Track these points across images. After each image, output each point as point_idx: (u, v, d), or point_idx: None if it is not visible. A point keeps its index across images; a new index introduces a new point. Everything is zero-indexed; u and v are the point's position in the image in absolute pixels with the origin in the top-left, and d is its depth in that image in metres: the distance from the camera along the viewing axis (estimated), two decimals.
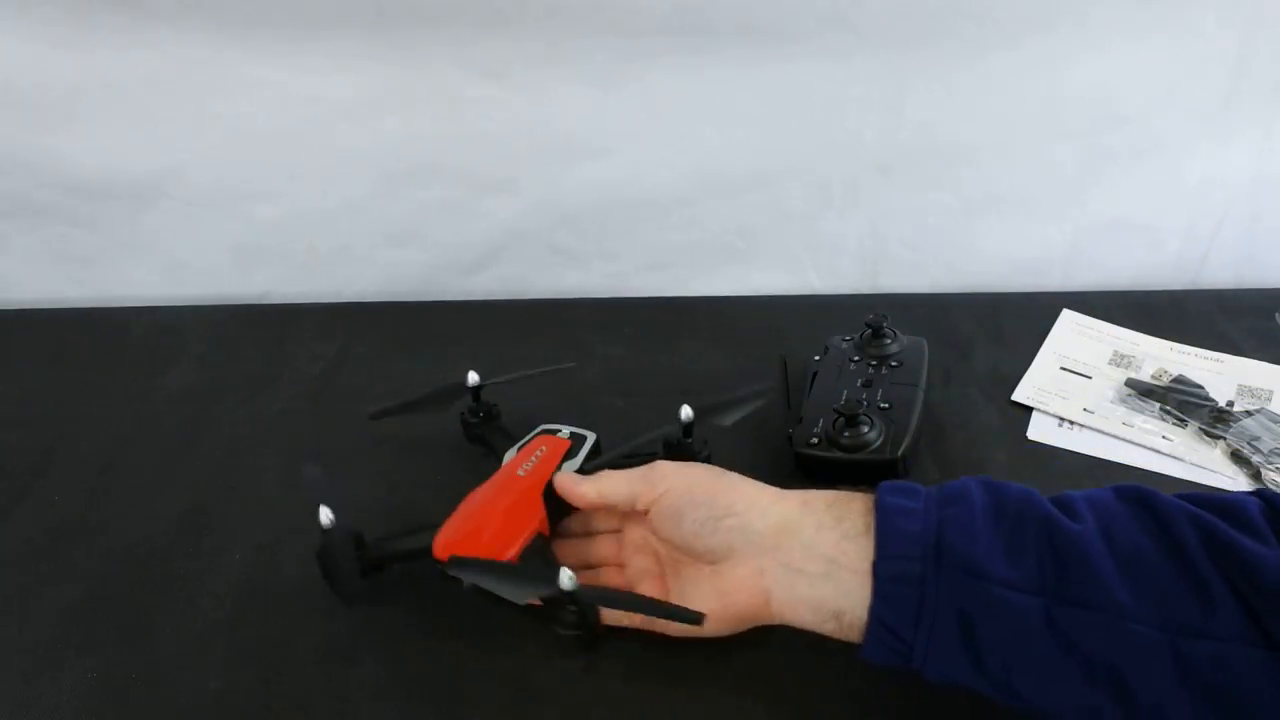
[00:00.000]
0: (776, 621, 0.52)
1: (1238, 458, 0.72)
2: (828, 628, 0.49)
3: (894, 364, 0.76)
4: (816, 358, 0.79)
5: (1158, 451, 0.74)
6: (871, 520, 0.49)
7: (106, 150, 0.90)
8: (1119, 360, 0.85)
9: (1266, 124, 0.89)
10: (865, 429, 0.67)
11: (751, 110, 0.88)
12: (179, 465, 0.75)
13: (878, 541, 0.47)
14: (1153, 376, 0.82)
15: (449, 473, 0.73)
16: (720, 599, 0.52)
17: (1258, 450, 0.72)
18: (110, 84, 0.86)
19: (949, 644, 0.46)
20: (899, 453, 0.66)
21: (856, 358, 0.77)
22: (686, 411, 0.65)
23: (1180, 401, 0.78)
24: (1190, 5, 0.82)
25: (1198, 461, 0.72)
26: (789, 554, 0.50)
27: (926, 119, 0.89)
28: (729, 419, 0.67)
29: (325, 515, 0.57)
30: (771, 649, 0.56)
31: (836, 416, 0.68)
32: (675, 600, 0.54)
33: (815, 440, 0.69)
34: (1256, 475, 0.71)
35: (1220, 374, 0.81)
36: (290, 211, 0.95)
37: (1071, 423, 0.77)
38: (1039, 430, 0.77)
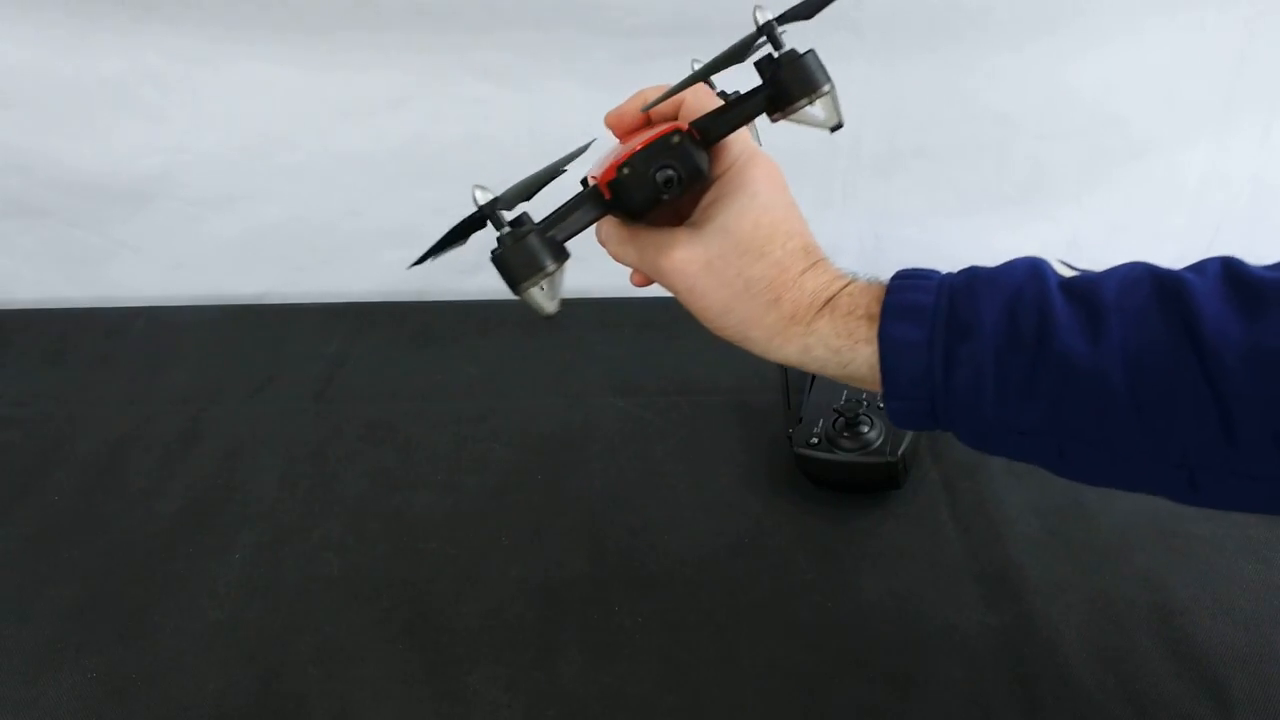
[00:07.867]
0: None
1: None
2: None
3: None
4: None
5: None
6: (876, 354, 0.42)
7: (106, 150, 0.90)
8: None
9: (1266, 124, 0.89)
10: (865, 429, 0.67)
11: None
12: (179, 465, 0.75)
13: (886, 389, 0.42)
14: None
15: (449, 473, 0.73)
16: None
17: None
18: (110, 84, 0.86)
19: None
20: (899, 453, 0.66)
21: None
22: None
23: None
24: (1190, 4, 0.82)
25: None
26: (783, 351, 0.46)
27: (926, 119, 0.89)
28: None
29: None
30: None
31: (836, 417, 0.68)
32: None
33: (815, 440, 0.69)
34: None
35: None
36: (290, 211, 0.95)
37: None
38: None
